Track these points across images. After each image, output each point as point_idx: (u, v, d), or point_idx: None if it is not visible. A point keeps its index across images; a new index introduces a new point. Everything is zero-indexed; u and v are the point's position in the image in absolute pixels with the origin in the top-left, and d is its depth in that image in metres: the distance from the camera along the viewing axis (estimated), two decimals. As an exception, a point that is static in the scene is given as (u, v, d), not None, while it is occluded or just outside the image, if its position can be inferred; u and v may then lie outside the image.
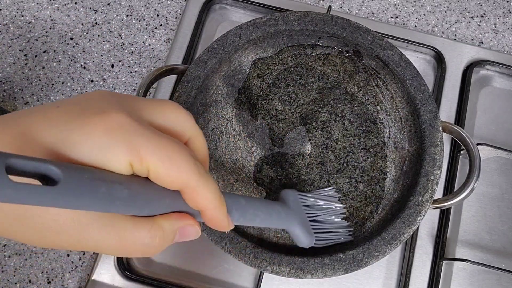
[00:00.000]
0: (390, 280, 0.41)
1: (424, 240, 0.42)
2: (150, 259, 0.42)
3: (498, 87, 0.48)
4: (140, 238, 0.19)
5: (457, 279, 0.41)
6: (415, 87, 0.38)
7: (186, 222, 0.21)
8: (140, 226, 0.19)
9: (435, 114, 0.37)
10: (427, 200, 0.35)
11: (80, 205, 0.16)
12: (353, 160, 0.39)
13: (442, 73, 0.47)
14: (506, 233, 0.43)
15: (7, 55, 0.49)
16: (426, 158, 0.36)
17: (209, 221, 0.21)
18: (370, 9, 0.52)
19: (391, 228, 0.35)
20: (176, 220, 0.20)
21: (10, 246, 0.42)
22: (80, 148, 0.17)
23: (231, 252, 0.34)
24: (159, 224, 0.19)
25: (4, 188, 0.13)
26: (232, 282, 0.41)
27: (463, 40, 0.51)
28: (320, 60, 0.42)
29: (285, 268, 0.33)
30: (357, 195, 0.38)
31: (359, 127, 0.40)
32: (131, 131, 0.18)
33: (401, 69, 0.38)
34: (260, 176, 0.39)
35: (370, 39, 0.39)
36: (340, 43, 0.41)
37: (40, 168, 0.15)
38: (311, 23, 0.39)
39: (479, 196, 0.44)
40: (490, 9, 0.53)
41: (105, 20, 0.51)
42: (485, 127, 0.47)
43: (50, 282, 0.41)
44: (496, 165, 0.45)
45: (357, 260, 0.34)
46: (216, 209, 0.20)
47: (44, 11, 0.51)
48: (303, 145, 0.40)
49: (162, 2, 0.52)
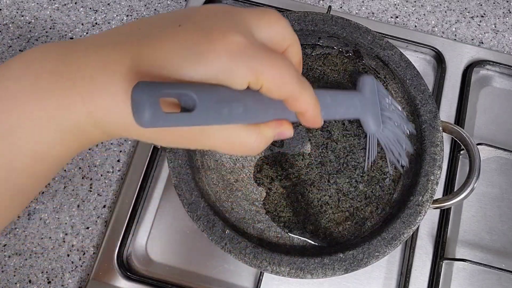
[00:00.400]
0: (390, 280, 0.41)
1: (424, 240, 0.42)
2: (150, 259, 0.42)
3: (498, 87, 0.48)
4: (250, 142, 0.24)
5: (457, 279, 0.41)
6: (415, 87, 0.38)
7: (283, 127, 0.25)
8: (250, 134, 0.24)
9: (435, 114, 0.37)
10: (427, 200, 0.35)
11: (210, 123, 0.21)
12: (353, 160, 0.39)
13: (442, 73, 0.47)
14: (506, 233, 0.43)
15: (7, 55, 0.49)
16: (426, 158, 0.36)
17: (307, 121, 0.25)
18: (370, 9, 0.52)
19: (391, 228, 0.35)
20: (276, 128, 0.25)
21: (10, 246, 0.42)
22: (207, 70, 0.20)
23: (231, 252, 0.34)
24: (263, 132, 0.24)
25: (159, 119, 0.18)
26: (232, 282, 0.41)
27: (463, 40, 0.51)
28: (320, 60, 0.42)
29: (285, 268, 0.33)
30: (357, 195, 0.38)
31: (359, 127, 0.40)
32: (249, 54, 0.21)
33: (401, 69, 0.38)
34: (260, 176, 0.39)
35: (370, 39, 0.39)
36: (340, 43, 0.41)
37: (181, 93, 0.19)
38: (311, 23, 0.39)
39: (479, 196, 0.44)
40: (490, 9, 0.53)
41: (105, 20, 0.51)
42: (485, 127, 0.47)
43: (50, 282, 0.41)
44: (496, 165, 0.45)
45: (357, 260, 0.34)
46: (314, 110, 0.24)
47: (44, 11, 0.51)
48: (303, 145, 0.40)
49: (162, 2, 0.52)
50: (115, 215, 0.42)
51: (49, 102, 0.20)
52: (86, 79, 0.20)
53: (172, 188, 0.43)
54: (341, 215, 0.38)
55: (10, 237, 0.42)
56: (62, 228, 0.43)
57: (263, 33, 0.23)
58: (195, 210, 0.35)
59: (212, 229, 0.35)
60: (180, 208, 0.43)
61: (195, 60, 0.20)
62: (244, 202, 0.38)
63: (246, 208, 0.38)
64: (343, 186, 0.39)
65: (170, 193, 0.44)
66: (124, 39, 0.21)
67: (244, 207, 0.38)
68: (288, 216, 0.38)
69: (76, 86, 0.20)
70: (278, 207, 0.38)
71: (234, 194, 0.38)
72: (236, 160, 0.39)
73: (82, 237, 0.42)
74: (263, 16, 0.23)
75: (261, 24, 0.23)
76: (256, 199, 0.38)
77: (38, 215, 0.43)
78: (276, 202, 0.38)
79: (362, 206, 0.38)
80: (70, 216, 0.43)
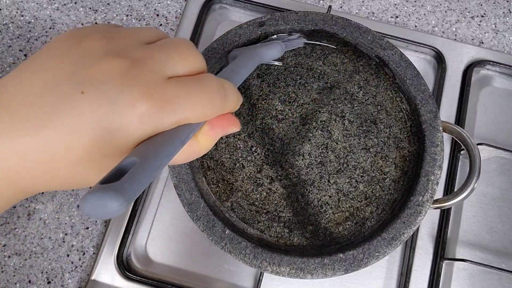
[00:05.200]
0: (390, 280, 0.41)
1: (424, 240, 0.42)
2: (150, 259, 0.42)
3: (498, 87, 0.48)
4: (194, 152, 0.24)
5: (457, 279, 0.41)
6: (415, 87, 0.38)
7: (228, 128, 0.25)
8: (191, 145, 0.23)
9: (436, 114, 0.37)
10: (427, 200, 0.35)
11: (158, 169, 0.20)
12: (353, 160, 0.39)
13: (442, 73, 0.47)
14: (507, 233, 0.43)
15: (7, 55, 0.49)
16: (426, 158, 0.36)
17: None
18: (370, 9, 0.52)
19: (391, 228, 0.34)
20: (211, 134, 0.24)
21: (10, 246, 0.42)
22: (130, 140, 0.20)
23: (231, 252, 0.34)
24: (202, 144, 0.24)
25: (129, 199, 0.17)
26: (232, 282, 0.41)
27: (464, 40, 0.51)
28: (320, 60, 0.42)
29: (285, 268, 0.33)
30: (357, 195, 0.38)
31: (359, 127, 0.40)
32: (162, 114, 0.20)
33: (401, 69, 0.38)
34: (260, 176, 0.39)
35: (370, 39, 0.39)
36: (340, 43, 0.41)
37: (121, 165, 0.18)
38: (311, 23, 0.39)
39: (479, 196, 0.44)
40: (491, 9, 0.53)
41: (105, 20, 0.51)
42: (485, 127, 0.47)
43: (50, 282, 0.41)
44: (497, 165, 0.45)
45: (357, 260, 0.34)
46: (237, 105, 0.25)
47: (44, 11, 0.51)
48: (303, 145, 0.40)
49: (162, 2, 0.52)
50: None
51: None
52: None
53: (172, 188, 0.43)
54: (341, 215, 0.38)
55: (10, 237, 0.42)
56: (62, 228, 0.43)
57: (177, 68, 0.22)
58: (195, 210, 0.35)
59: (212, 229, 0.34)
60: (180, 208, 0.43)
61: (112, 138, 0.19)
62: (244, 202, 0.38)
63: (246, 208, 0.38)
64: (343, 186, 0.39)
65: (170, 193, 0.44)
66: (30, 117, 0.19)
67: (244, 207, 0.38)
68: (288, 216, 0.38)
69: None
70: (278, 207, 0.38)
71: (234, 194, 0.38)
72: (236, 160, 0.39)
73: (82, 237, 0.42)
74: (177, 55, 0.22)
75: (177, 65, 0.22)
76: (256, 199, 0.38)
77: (38, 215, 0.43)
78: (276, 202, 0.38)
79: (362, 206, 0.38)
80: (70, 216, 0.43)
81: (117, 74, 0.20)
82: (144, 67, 0.20)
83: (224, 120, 0.24)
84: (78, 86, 0.19)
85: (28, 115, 0.19)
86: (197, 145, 0.24)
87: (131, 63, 0.20)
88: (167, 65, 0.21)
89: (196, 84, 0.22)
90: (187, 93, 0.21)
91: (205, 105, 0.21)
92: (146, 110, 0.19)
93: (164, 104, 0.20)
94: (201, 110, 0.21)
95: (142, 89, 0.19)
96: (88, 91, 0.19)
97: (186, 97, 0.21)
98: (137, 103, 0.19)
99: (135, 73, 0.20)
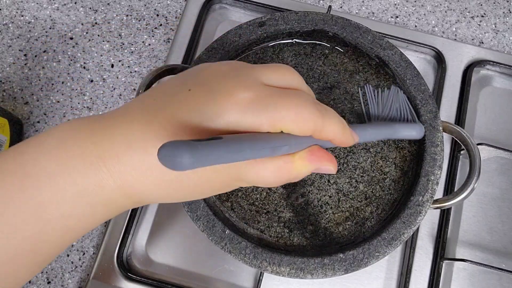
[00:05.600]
0: (390, 280, 0.41)
1: (424, 240, 0.42)
2: (150, 259, 0.42)
3: (498, 87, 0.48)
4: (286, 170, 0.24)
5: (458, 279, 0.41)
6: (415, 87, 0.38)
7: (323, 164, 0.25)
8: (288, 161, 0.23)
9: (436, 114, 0.37)
10: (428, 200, 0.35)
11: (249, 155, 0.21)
12: (353, 160, 0.39)
13: (442, 73, 0.47)
14: (507, 233, 0.43)
15: (7, 55, 0.49)
16: (426, 158, 0.36)
17: (338, 144, 0.25)
18: (370, 9, 0.52)
19: (391, 228, 0.34)
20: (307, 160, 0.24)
21: (10, 246, 0.42)
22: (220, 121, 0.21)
23: (231, 252, 0.34)
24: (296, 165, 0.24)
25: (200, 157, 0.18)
26: (232, 282, 0.41)
27: (463, 40, 0.51)
28: (320, 60, 0.42)
29: (285, 268, 0.33)
30: (357, 195, 0.38)
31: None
32: (260, 106, 0.21)
33: (401, 69, 0.38)
34: (260, 176, 0.39)
35: (370, 39, 0.39)
36: (340, 43, 0.41)
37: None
38: (311, 23, 0.39)
39: (479, 196, 0.44)
40: (491, 9, 0.53)
41: (105, 20, 0.51)
42: (485, 127, 0.47)
43: (50, 282, 0.41)
44: (497, 165, 0.45)
45: (357, 260, 0.34)
46: (342, 135, 0.24)
47: (44, 11, 0.51)
48: (303, 145, 0.40)
49: (162, 2, 0.52)
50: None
51: (81, 179, 0.21)
52: (113, 159, 0.21)
53: (172, 188, 0.43)
54: (341, 215, 0.38)
55: (10, 237, 0.42)
56: (62, 228, 0.43)
57: (273, 79, 0.23)
58: (195, 210, 0.35)
59: (212, 229, 0.34)
60: (180, 208, 0.43)
61: (208, 119, 0.21)
62: (244, 202, 0.38)
63: (246, 208, 0.38)
64: (343, 186, 0.39)
65: (170, 193, 0.44)
66: (142, 116, 0.22)
67: (244, 207, 0.38)
68: (288, 216, 0.38)
69: (105, 164, 0.21)
70: (278, 207, 0.38)
71: (234, 194, 0.38)
72: (236, 160, 0.39)
73: (82, 237, 0.42)
74: (276, 69, 0.24)
75: (273, 76, 0.24)
76: (256, 199, 0.38)
77: (38, 215, 0.43)
78: (276, 202, 0.38)
79: (362, 206, 0.38)
80: (70, 216, 0.43)
81: (219, 75, 0.22)
82: (243, 72, 0.23)
83: (323, 153, 0.25)
84: (186, 86, 0.22)
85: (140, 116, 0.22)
86: (291, 165, 0.23)
87: (233, 70, 0.23)
88: (264, 74, 0.23)
89: (293, 92, 0.23)
90: (283, 97, 0.22)
91: (302, 112, 0.22)
92: (241, 100, 0.21)
93: (259, 99, 0.21)
94: (297, 117, 0.22)
95: (240, 83, 0.22)
96: (194, 88, 0.22)
97: (283, 99, 0.22)
98: (234, 92, 0.21)
99: (234, 74, 0.22)
